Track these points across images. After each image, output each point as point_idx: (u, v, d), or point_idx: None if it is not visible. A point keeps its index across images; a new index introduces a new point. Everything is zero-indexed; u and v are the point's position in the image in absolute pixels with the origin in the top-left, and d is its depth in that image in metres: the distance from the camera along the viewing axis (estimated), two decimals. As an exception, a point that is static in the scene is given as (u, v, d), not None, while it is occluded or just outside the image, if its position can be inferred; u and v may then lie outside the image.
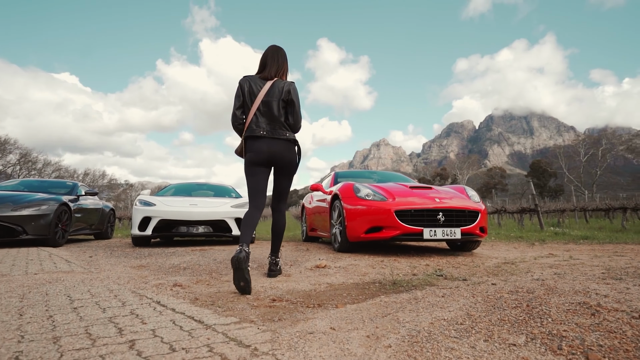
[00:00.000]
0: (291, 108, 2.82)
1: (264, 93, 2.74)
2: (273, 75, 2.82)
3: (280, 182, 2.90)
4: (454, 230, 3.94)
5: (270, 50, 2.89)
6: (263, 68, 2.86)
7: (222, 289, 2.39)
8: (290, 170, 2.87)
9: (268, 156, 2.74)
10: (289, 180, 2.92)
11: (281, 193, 2.94)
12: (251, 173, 2.77)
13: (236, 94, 2.80)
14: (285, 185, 2.93)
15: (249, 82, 2.79)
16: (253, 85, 2.77)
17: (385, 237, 3.98)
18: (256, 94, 2.75)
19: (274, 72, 2.83)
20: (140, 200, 5.80)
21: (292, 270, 3.21)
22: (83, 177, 46.64)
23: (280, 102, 2.77)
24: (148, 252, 4.77)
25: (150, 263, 3.69)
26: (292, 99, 2.80)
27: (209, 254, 4.48)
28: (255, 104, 2.74)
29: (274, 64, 2.85)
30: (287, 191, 2.97)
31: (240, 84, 2.80)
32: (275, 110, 2.75)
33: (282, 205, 2.96)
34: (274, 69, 2.83)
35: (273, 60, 2.86)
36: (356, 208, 4.22)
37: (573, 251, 4.74)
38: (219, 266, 3.41)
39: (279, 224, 2.91)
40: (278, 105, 2.76)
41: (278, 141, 2.75)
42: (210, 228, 5.66)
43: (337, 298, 2.17)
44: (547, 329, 1.39)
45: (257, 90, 2.76)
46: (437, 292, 2.20)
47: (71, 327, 1.52)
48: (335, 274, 2.99)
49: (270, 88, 2.76)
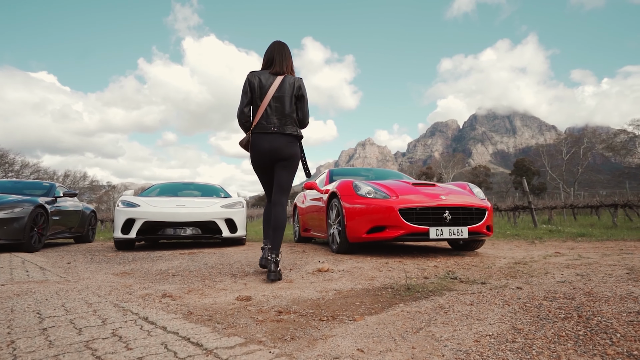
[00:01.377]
0: (301, 103, 2.84)
1: (275, 88, 2.72)
2: (283, 70, 2.81)
3: (280, 175, 2.84)
4: (461, 229, 3.73)
5: (276, 45, 2.88)
6: (271, 63, 2.84)
7: (218, 300, 2.10)
8: (291, 164, 2.83)
9: (270, 154, 2.75)
10: (290, 173, 2.86)
11: (282, 186, 2.85)
12: (258, 170, 2.90)
13: (244, 90, 2.75)
14: (286, 178, 2.85)
15: (259, 78, 2.76)
16: (263, 81, 2.74)
17: (389, 237, 3.74)
18: (267, 89, 2.72)
19: (284, 67, 2.82)
20: (123, 201, 5.43)
21: (292, 275, 2.94)
22: (63, 178, 45.21)
23: (293, 97, 2.78)
24: (132, 256, 4.43)
25: (135, 269, 3.36)
26: (302, 94, 2.83)
27: (199, 257, 4.17)
28: (266, 100, 2.71)
29: (283, 59, 2.83)
30: (288, 185, 2.89)
31: (249, 80, 2.76)
32: (288, 105, 2.75)
33: (284, 199, 2.86)
34: (284, 64, 2.83)
35: (280, 55, 2.84)
36: (357, 207, 3.97)
37: (578, 249, 4.60)
38: (211, 272, 3.11)
39: (279, 217, 2.77)
40: (290, 101, 2.77)
41: (285, 137, 2.75)
42: (199, 230, 5.33)
43: (350, 308, 1.92)
44: (623, 349, 1.16)
45: (267, 85, 2.73)
46: (462, 299, 1.97)
47: (36, 357, 1.22)
48: (341, 279, 2.73)
49: (281, 83, 2.75)
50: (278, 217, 2.77)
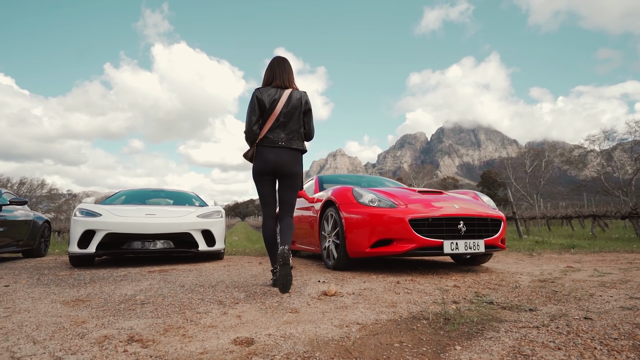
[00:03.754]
0: (308, 118, 2.88)
1: (283, 103, 2.74)
2: (286, 83, 2.82)
3: (285, 193, 2.87)
4: (478, 242, 3.31)
5: (276, 60, 2.89)
6: (273, 78, 2.84)
7: (209, 345, 1.53)
8: (295, 182, 2.86)
9: (274, 166, 2.75)
10: (294, 191, 2.89)
11: (289, 204, 2.88)
12: (258, 181, 2.85)
13: (251, 107, 2.74)
14: (291, 196, 2.88)
15: (266, 94, 2.75)
16: (271, 96, 2.74)
17: (397, 252, 3.27)
18: (275, 104, 2.73)
19: (286, 80, 2.83)
20: (81, 210, 4.68)
21: (295, 300, 2.38)
22: (18, 186, 42.11)
23: (301, 113, 2.80)
24: (90, 275, 3.72)
25: (93, 294, 2.70)
26: (309, 109, 2.87)
27: (173, 277, 3.53)
28: (274, 115, 2.72)
29: (283, 72, 2.84)
30: (294, 203, 2.90)
31: (257, 97, 2.74)
32: (295, 120, 2.78)
33: (291, 213, 2.89)
34: (285, 76, 2.84)
35: (281, 69, 2.85)
36: (358, 217, 3.48)
37: (587, 263, 4.30)
38: (191, 298, 2.51)
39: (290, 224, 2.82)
40: (299, 117, 2.80)
41: (290, 151, 2.77)
42: (171, 243, 4.65)
43: (392, 355, 1.41)
44: None
45: (275, 100, 2.74)
46: (537, 338, 1.50)
47: None
48: (356, 306, 2.22)
49: (289, 98, 2.77)
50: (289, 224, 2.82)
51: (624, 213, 8.71)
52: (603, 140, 40.21)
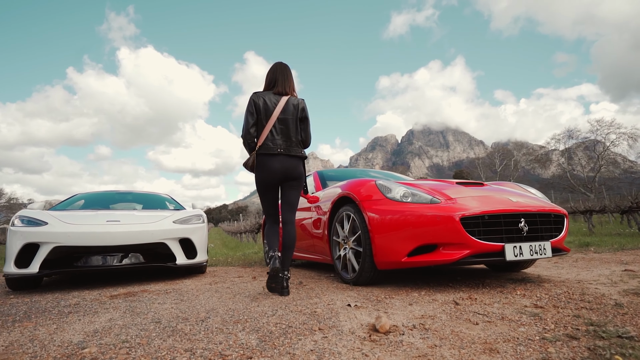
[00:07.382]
0: (304, 125, 2.86)
1: (280, 110, 2.73)
2: (286, 90, 2.81)
3: (289, 194, 2.83)
4: (543, 244, 2.59)
5: (278, 66, 2.88)
6: (274, 84, 2.83)
7: None
8: (299, 183, 2.84)
9: (281, 174, 2.73)
10: (298, 193, 2.87)
11: (292, 205, 2.85)
12: (264, 192, 2.82)
13: (249, 111, 2.74)
14: (295, 197, 2.85)
15: (263, 98, 2.75)
16: (268, 101, 2.74)
17: (445, 261, 2.49)
18: (272, 110, 2.72)
19: (287, 87, 2.82)
20: (21, 218, 3.64)
21: (335, 342, 1.55)
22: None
23: (297, 120, 2.79)
24: (27, 306, 2.74)
25: (22, 342, 1.77)
26: (306, 116, 2.85)
27: (144, 304, 2.61)
28: (271, 121, 2.71)
29: (285, 79, 2.83)
30: (297, 203, 2.88)
31: (254, 100, 2.74)
32: (292, 127, 2.76)
33: (293, 217, 2.85)
34: (286, 84, 2.83)
35: (283, 76, 2.84)
36: (389, 217, 2.69)
37: (636, 264, 3.72)
38: (173, 348, 1.63)
39: (291, 236, 2.78)
40: (296, 123, 2.78)
41: (292, 158, 2.75)
42: (140, 257, 3.69)
43: None
44: None
45: (272, 106, 2.73)
46: None
47: None
48: (437, 352, 1.42)
49: (286, 104, 2.76)
50: (290, 236, 2.78)
51: (624, 207, 8.40)
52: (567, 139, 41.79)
